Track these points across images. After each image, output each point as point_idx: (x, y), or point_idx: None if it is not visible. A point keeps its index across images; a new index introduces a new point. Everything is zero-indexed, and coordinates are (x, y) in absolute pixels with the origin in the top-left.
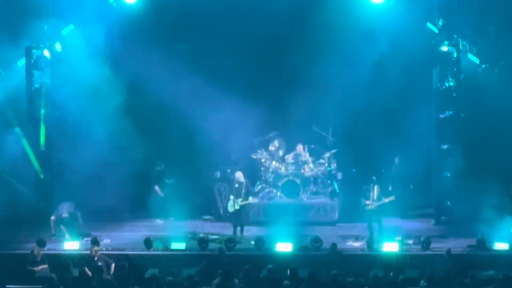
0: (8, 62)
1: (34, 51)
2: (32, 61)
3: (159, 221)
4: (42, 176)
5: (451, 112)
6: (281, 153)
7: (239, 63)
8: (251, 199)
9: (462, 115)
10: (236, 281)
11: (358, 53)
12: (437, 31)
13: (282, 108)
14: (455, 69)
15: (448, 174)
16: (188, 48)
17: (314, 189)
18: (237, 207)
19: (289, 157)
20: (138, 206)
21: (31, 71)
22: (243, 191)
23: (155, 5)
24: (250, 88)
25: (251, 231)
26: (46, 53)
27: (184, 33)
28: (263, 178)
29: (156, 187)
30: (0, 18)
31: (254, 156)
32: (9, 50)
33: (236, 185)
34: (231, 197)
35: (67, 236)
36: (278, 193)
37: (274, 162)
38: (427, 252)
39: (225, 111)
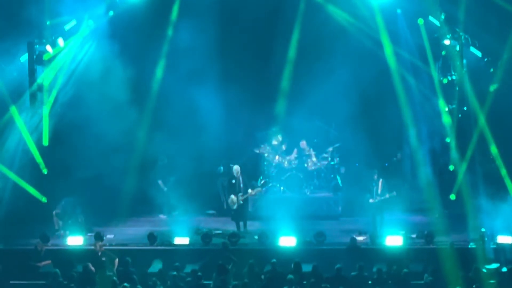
0: (10, 57)
1: (37, 46)
2: (35, 56)
3: (162, 216)
4: (45, 172)
5: (454, 106)
6: (284, 147)
7: (243, 58)
8: (250, 191)
9: (465, 108)
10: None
11: (361, 48)
12: (439, 25)
13: (285, 102)
14: (458, 63)
15: (451, 168)
16: (190, 43)
17: (317, 183)
18: (240, 202)
19: (293, 154)
20: (141, 201)
21: (33, 67)
22: (241, 185)
23: (157, 1)
24: (254, 82)
25: (254, 226)
26: (49, 48)
27: (186, 28)
28: (266, 172)
29: (160, 182)
30: (3, 13)
31: (257, 151)
32: (12, 45)
33: (233, 181)
34: (232, 196)
35: (61, 232)
36: (281, 188)
37: (277, 157)
38: (431, 246)
39: (228, 106)
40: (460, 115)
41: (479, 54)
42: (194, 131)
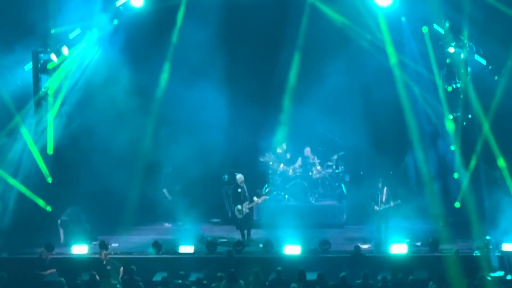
0: (15, 66)
1: (41, 55)
2: (39, 65)
3: (167, 225)
4: (50, 181)
5: (458, 113)
6: (288, 156)
7: (246, 65)
8: (256, 199)
9: (470, 116)
10: (242, 282)
11: (365, 55)
12: (443, 33)
13: (290, 107)
14: (462, 71)
15: (456, 175)
16: (194, 52)
17: (322, 192)
18: (247, 210)
19: (297, 162)
20: (146, 210)
21: (38, 75)
22: (246, 194)
23: (161, 9)
24: (257, 91)
25: (259, 234)
26: (53, 57)
27: (190, 37)
28: (270, 181)
29: (165, 191)
30: (7, 21)
31: (261, 159)
32: (16, 53)
33: (239, 190)
34: (238, 205)
35: (62, 238)
36: (286, 196)
37: (281, 165)
38: (435, 253)
39: (232, 114)
40: (464, 123)
41: (483, 62)
42: (199, 139)
